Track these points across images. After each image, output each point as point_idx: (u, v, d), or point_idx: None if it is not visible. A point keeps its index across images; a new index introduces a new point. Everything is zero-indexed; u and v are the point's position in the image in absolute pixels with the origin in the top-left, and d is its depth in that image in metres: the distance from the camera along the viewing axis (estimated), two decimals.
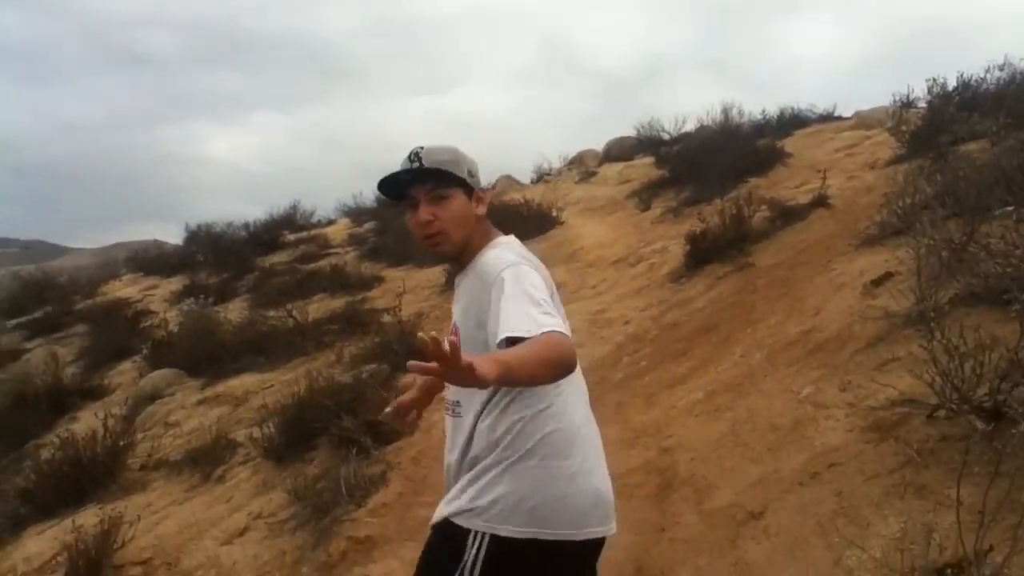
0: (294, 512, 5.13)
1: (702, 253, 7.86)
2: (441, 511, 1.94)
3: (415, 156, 1.92)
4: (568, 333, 1.73)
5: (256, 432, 6.53)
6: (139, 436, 7.70)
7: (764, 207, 8.66)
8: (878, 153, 11.16)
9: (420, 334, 1.36)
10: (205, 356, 9.17)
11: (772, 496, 3.57)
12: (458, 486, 1.92)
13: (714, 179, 11.48)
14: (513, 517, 1.84)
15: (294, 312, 9.59)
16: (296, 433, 6.13)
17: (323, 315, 10.01)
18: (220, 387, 8.50)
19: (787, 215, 8.44)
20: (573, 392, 1.96)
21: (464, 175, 1.96)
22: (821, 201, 8.45)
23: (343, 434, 5.65)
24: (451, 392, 2.00)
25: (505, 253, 1.93)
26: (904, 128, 10.14)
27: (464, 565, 1.83)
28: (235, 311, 12.42)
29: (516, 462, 1.86)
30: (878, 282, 5.40)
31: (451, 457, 1.99)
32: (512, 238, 2.09)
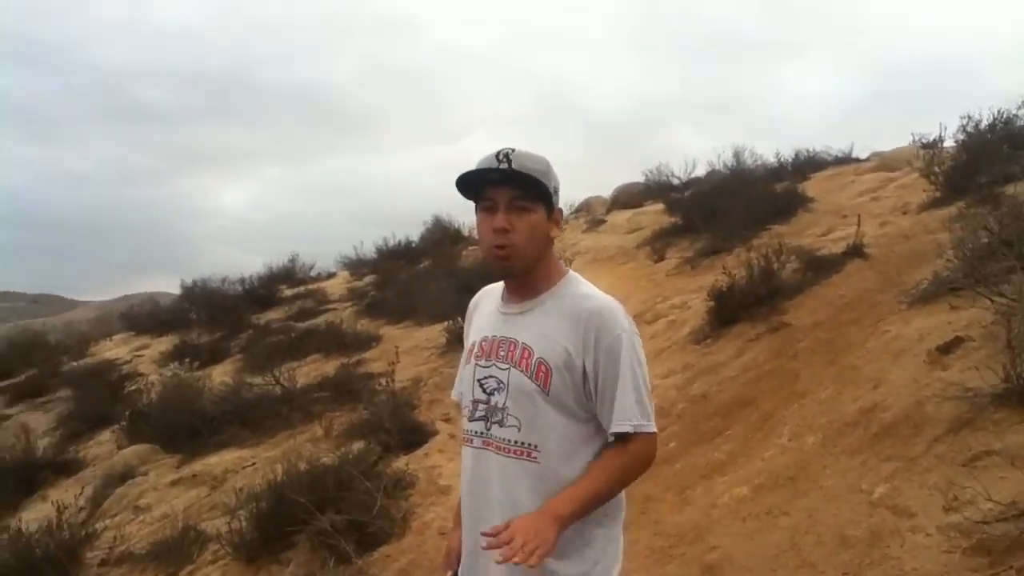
0: None
1: (728, 311, 7.08)
2: None
3: (504, 157, 1.79)
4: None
5: (229, 523, 5.71)
6: (104, 523, 6.88)
7: (793, 258, 7.89)
8: (906, 196, 10.42)
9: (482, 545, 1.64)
10: (184, 428, 8.35)
11: None
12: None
13: (732, 227, 10.72)
14: None
15: (281, 378, 8.79)
16: (271, 528, 5.31)
17: (314, 380, 9.20)
18: (197, 465, 7.69)
19: (819, 266, 7.67)
20: None
21: (551, 190, 1.85)
22: (856, 251, 7.69)
23: (321, 535, 4.83)
24: (519, 431, 1.83)
25: (614, 305, 1.87)
26: (937, 169, 9.42)
27: None
28: (224, 374, 11.64)
29: (610, 521, 1.90)
30: (946, 349, 4.62)
31: (522, 506, 1.79)
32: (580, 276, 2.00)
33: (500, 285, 2.03)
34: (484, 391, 1.90)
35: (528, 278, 1.89)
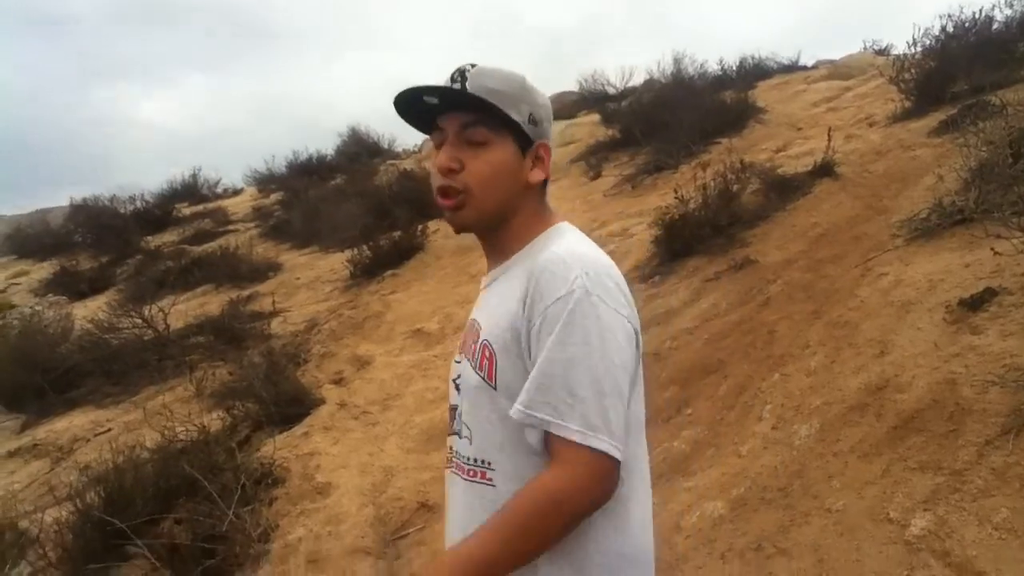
0: None
1: (681, 242, 5.93)
2: None
3: (458, 75, 1.33)
4: (619, 448, 1.19)
5: (52, 520, 4.49)
6: None
7: (752, 178, 6.76)
8: (868, 108, 9.38)
9: None
10: (32, 383, 6.97)
11: None
12: None
13: (677, 140, 9.55)
14: None
15: (154, 318, 7.43)
16: (100, 535, 4.10)
17: (195, 320, 7.84)
18: (42, 431, 6.36)
19: (782, 188, 6.56)
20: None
21: (520, 117, 1.34)
22: (826, 169, 6.58)
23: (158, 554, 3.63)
24: (471, 444, 1.33)
25: (573, 257, 1.27)
26: (908, 76, 8.33)
27: None
28: (100, 308, 10.16)
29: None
30: (974, 304, 3.55)
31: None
32: (580, 234, 1.41)
33: None
34: (459, 393, 1.41)
35: (497, 237, 1.41)
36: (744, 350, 4.19)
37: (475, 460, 1.33)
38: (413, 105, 1.35)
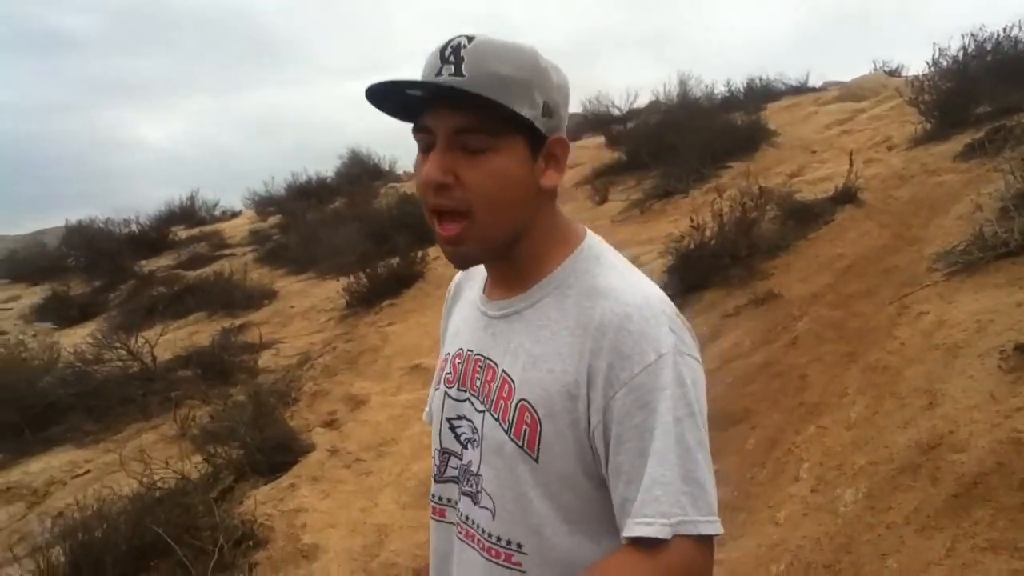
0: None
1: (696, 274, 5.58)
2: None
3: (451, 54, 0.99)
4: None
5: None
6: None
7: (769, 204, 6.42)
8: (885, 130, 9.07)
9: None
10: (8, 420, 6.60)
11: None
12: None
13: (687, 164, 9.24)
14: None
15: (140, 350, 7.08)
16: None
17: (183, 352, 7.48)
18: (17, 472, 5.99)
19: (802, 215, 6.22)
20: None
21: (533, 111, 1.02)
22: (848, 196, 6.25)
23: None
24: (494, 519, 1.07)
25: (649, 309, 1.01)
26: (928, 98, 8.01)
27: None
28: (87, 336, 9.81)
29: None
30: None
31: None
32: (614, 251, 1.15)
33: None
34: (457, 438, 1.14)
35: (507, 262, 1.11)
36: (773, 397, 3.82)
37: (501, 540, 1.08)
38: (392, 93, 1.01)
